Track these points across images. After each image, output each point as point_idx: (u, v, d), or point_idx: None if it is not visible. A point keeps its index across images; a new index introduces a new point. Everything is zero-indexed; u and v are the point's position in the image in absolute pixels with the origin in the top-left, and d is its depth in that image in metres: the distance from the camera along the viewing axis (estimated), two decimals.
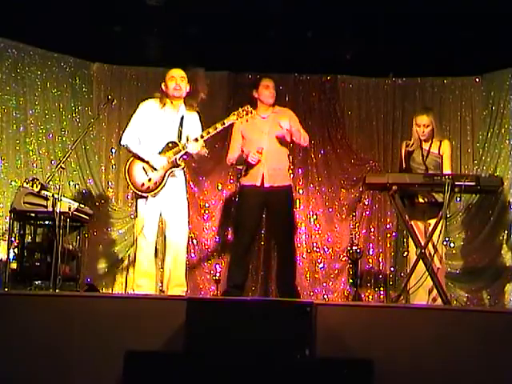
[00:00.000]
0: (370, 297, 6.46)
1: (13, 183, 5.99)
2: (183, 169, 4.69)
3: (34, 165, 6.20)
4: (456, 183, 4.53)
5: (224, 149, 5.74)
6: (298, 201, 6.60)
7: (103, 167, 6.63)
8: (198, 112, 4.78)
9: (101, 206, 6.49)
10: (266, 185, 4.97)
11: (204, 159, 5.09)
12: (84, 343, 3.34)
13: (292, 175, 6.45)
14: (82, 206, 5.58)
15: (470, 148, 6.50)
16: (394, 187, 4.64)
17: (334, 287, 6.50)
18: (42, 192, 5.17)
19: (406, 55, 6.06)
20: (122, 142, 4.70)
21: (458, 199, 6.26)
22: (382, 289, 6.48)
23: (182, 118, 4.66)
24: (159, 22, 5.95)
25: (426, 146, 4.97)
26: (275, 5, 5.59)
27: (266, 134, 5.02)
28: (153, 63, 6.55)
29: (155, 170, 4.54)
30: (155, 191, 4.56)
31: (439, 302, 4.58)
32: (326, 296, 6.45)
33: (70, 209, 5.21)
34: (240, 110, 4.63)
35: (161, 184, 4.55)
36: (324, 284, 6.51)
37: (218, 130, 4.60)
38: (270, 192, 4.98)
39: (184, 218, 4.67)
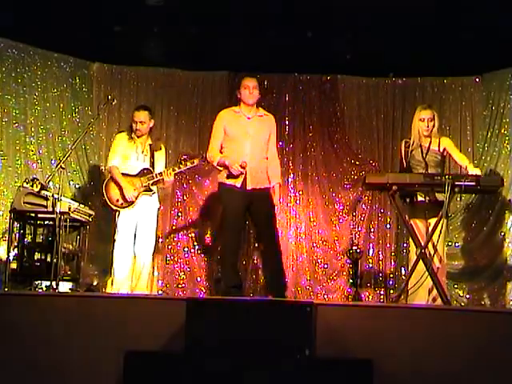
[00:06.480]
0: (370, 297, 6.46)
1: (13, 183, 5.99)
2: (155, 193, 5.25)
3: (34, 165, 6.20)
4: (456, 183, 4.53)
5: None
6: (297, 201, 6.62)
7: (103, 167, 6.63)
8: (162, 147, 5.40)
9: (101, 205, 6.48)
10: (249, 187, 4.90)
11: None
12: (84, 343, 3.35)
13: (292, 175, 6.45)
14: (82, 206, 5.57)
15: (470, 148, 6.50)
16: (394, 187, 4.63)
17: (334, 287, 6.50)
18: (42, 192, 5.16)
19: (406, 55, 6.06)
20: (108, 164, 5.28)
21: (459, 199, 6.26)
22: (382, 289, 6.49)
23: (152, 151, 5.24)
24: (159, 22, 5.96)
25: (425, 143, 4.97)
26: (275, 5, 5.60)
27: (250, 137, 4.96)
28: (153, 63, 6.57)
29: (126, 200, 5.12)
30: (127, 207, 5.14)
31: (439, 301, 4.58)
32: (326, 296, 6.45)
33: (69, 209, 5.20)
34: (189, 161, 5.18)
35: (133, 203, 5.13)
36: (324, 284, 6.51)
37: (182, 169, 5.22)
38: (253, 194, 4.90)
39: (151, 237, 5.21)
